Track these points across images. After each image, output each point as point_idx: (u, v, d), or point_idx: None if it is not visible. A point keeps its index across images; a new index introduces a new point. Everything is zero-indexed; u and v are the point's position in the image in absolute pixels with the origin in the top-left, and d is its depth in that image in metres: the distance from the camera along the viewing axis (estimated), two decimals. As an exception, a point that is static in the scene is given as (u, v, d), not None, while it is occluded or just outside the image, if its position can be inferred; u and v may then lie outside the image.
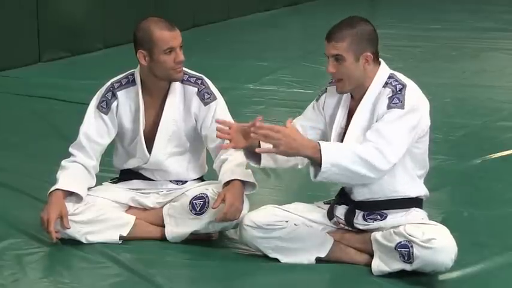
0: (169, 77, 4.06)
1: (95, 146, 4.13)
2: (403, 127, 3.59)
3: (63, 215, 3.91)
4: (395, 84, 3.67)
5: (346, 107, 3.81)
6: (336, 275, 3.76)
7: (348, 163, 3.50)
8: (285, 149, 3.49)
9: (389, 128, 3.57)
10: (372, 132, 3.59)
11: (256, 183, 3.98)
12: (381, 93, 3.67)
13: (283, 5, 15.33)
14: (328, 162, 3.48)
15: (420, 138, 3.71)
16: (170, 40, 3.99)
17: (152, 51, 4.00)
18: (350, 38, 3.64)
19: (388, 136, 3.56)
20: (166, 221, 4.09)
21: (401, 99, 3.62)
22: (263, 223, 3.82)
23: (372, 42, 3.69)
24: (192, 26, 12.07)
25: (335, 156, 3.50)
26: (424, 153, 3.78)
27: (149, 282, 3.65)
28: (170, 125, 4.13)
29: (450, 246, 3.55)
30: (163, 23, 4.03)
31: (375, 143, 3.55)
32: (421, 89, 3.73)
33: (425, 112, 3.71)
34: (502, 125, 6.63)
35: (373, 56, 3.68)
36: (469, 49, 10.59)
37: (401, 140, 3.59)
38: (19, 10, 8.93)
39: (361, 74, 3.68)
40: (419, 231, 3.57)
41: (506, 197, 4.96)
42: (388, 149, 3.54)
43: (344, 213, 3.83)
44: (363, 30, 3.67)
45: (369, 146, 3.54)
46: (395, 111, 3.60)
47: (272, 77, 8.55)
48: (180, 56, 4.01)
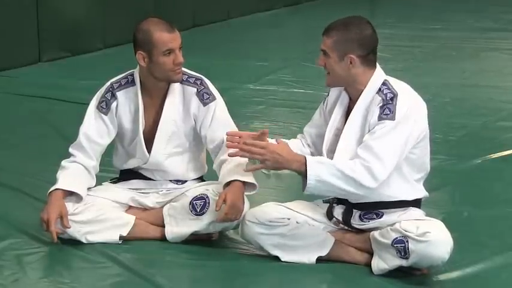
0: (169, 79, 4.06)
1: (95, 146, 4.13)
2: (394, 140, 3.60)
3: (63, 215, 3.91)
4: (386, 92, 3.68)
5: (344, 108, 3.83)
6: (337, 275, 3.77)
7: (334, 180, 3.56)
8: (271, 164, 3.59)
9: (380, 144, 3.58)
10: (363, 149, 3.60)
11: (256, 183, 3.98)
12: (374, 99, 3.68)
13: (283, 5, 15.33)
14: (313, 179, 3.55)
15: (416, 144, 3.71)
16: (169, 42, 3.98)
17: (151, 53, 3.99)
18: (337, 36, 3.68)
19: (379, 153, 3.57)
20: (166, 221, 4.09)
21: (392, 110, 3.62)
22: (265, 219, 3.83)
23: (363, 46, 3.68)
24: (192, 26, 12.07)
25: (320, 173, 3.55)
26: (422, 157, 3.77)
27: (149, 282, 3.65)
28: (169, 125, 4.13)
29: (445, 239, 3.56)
30: (163, 24, 4.02)
31: (364, 160, 3.57)
32: (421, 89, 3.73)
33: (420, 119, 3.70)
34: (502, 125, 6.64)
35: (360, 59, 3.68)
36: (469, 49, 10.59)
37: (393, 155, 3.60)
38: (19, 10, 8.93)
39: (346, 74, 3.70)
40: (414, 226, 3.60)
41: (506, 197, 4.97)
42: (377, 167, 3.56)
43: (341, 213, 3.84)
44: (354, 32, 3.68)
45: (357, 164, 3.56)
46: (386, 123, 3.60)
47: (272, 77, 8.55)
48: (179, 57, 4.01)
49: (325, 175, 3.55)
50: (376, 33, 3.76)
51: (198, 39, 10.99)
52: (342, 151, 3.72)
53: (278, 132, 6.16)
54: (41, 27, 9.25)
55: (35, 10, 9.16)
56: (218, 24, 12.88)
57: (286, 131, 6.34)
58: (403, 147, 3.64)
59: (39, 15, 9.21)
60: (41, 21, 9.24)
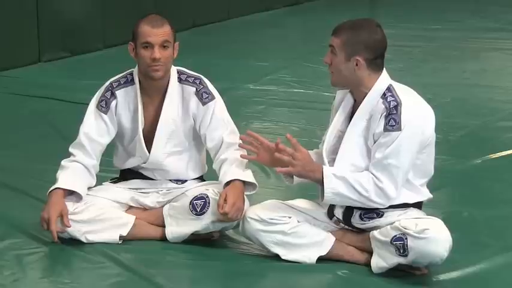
0: (148, 74, 4.06)
1: (95, 146, 4.13)
2: (403, 152, 3.63)
3: (63, 214, 3.91)
4: (390, 100, 3.68)
5: (348, 110, 3.83)
6: (337, 275, 3.76)
7: (349, 194, 3.69)
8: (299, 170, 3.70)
9: (393, 163, 3.63)
10: (376, 167, 3.67)
11: (256, 183, 3.98)
12: (378, 105, 3.68)
13: (283, 5, 15.32)
14: (330, 192, 3.69)
15: (422, 150, 3.72)
16: (148, 35, 4.00)
17: (136, 44, 4.05)
18: (346, 37, 3.69)
19: (393, 173, 3.64)
20: (166, 221, 4.09)
21: (397, 120, 3.63)
22: (267, 217, 3.84)
23: (371, 50, 3.69)
24: (192, 26, 12.06)
25: (337, 187, 3.69)
26: (427, 163, 3.78)
27: (149, 282, 3.65)
28: (169, 124, 4.14)
29: (444, 236, 3.56)
30: (153, 19, 4.07)
31: (378, 179, 3.66)
32: (421, 89, 3.73)
33: (426, 125, 3.71)
34: (502, 125, 6.63)
35: (367, 62, 3.69)
36: (469, 49, 10.59)
37: (404, 169, 3.66)
38: (19, 10, 8.93)
39: (352, 75, 3.71)
40: (413, 223, 3.61)
41: (506, 197, 4.97)
42: (389, 188, 3.66)
43: (342, 213, 3.85)
44: (363, 35, 3.68)
45: (371, 183, 3.66)
46: (393, 134, 3.63)
47: (272, 77, 8.55)
48: (155, 53, 4.00)
49: (342, 189, 3.68)
50: (386, 38, 3.75)
51: (198, 39, 10.98)
52: (343, 154, 3.75)
53: (278, 132, 6.16)
54: (41, 27, 9.25)
55: (35, 10, 9.15)
56: (218, 24, 12.88)
57: (286, 131, 6.34)
58: (412, 158, 3.68)
59: (39, 15, 9.21)
60: (41, 21, 9.24)
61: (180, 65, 4.26)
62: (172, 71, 4.14)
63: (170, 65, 4.10)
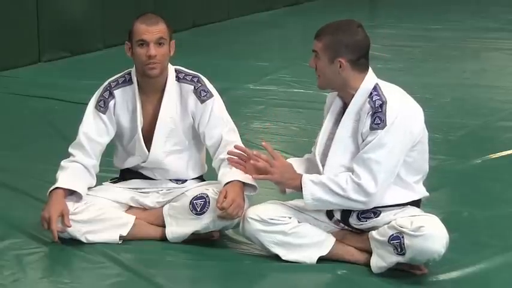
0: (144, 73, 4.07)
1: (94, 146, 4.14)
2: (387, 150, 3.63)
3: (64, 214, 3.91)
4: (375, 99, 3.69)
5: (337, 112, 3.85)
6: (337, 275, 3.76)
7: (329, 198, 3.71)
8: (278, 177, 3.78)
9: (372, 157, 3.63)
10: (356, 162, 3.68)
11: (256, 185, 3.98)
12: (364, 106, 3.70)
13: (283, 5, 15.33)
14: (309, 198, 3.73)
15: (413, 148, 3.72)
16: (143, 33, 4.02)
17: (132, 43, 4.07)
18: (327, 40, 3.72)
19: (372, 167, 3.64)
20: (166, 221, 4.09)
21: (382, 118, 3.64)
22: (267, 217, 3.84)
23: (353, 51, 3.70)
24: (192, 26, 12.07)
25: (315, 192, 3.72)
26: (419, 160, 3.77)
27: (149, 283, 3.65)
28: (167, 122, 4.14)
29: (440, 233, 3.57)
30: (147, 17, 4.09)
31: (357, 175, 3.66)
32: (421, 89, 3.73)
33: (412, 124, 3.70)
34: (502, 125, 6.63)
35: (350, 63, 3.70)
36: (469, 49, 10.59)
37: (387, 166, 3.65)
38: (19, 10, 8.93)
39: (337, 77, 3.73)
40: (409, 221, 3.62)
41: (506, 197, 4.97)
42: (367, 183, 3.65)
43: (340, 213, 3.85)
44: (344, 37, 3.70)
45: (348, 181, 3.67)
46: (378, 133, 3.63)
47: (272, 77, 8.55)
48: (150, 50, 4.01)
49: (320, 193, 3.71)
50: (369, 37, 3.76)
51: (198, 39, 10.99)
52: (334, 156, 3.77)
53: (278, 132, 6.16)
54: (41, 27, 9.25)
55: (35, 10, 9.16)
56: (218, 24, 12.88)
57: (286, 131, 6.34)
58: (398, 157, 3.67)
59: (39, 15, 9.21)
60: (41, 21, 9.24)
61: (180, 65, 4.26)
62: (170, 70, 4.15)
63: (166, 63, 4.11)
